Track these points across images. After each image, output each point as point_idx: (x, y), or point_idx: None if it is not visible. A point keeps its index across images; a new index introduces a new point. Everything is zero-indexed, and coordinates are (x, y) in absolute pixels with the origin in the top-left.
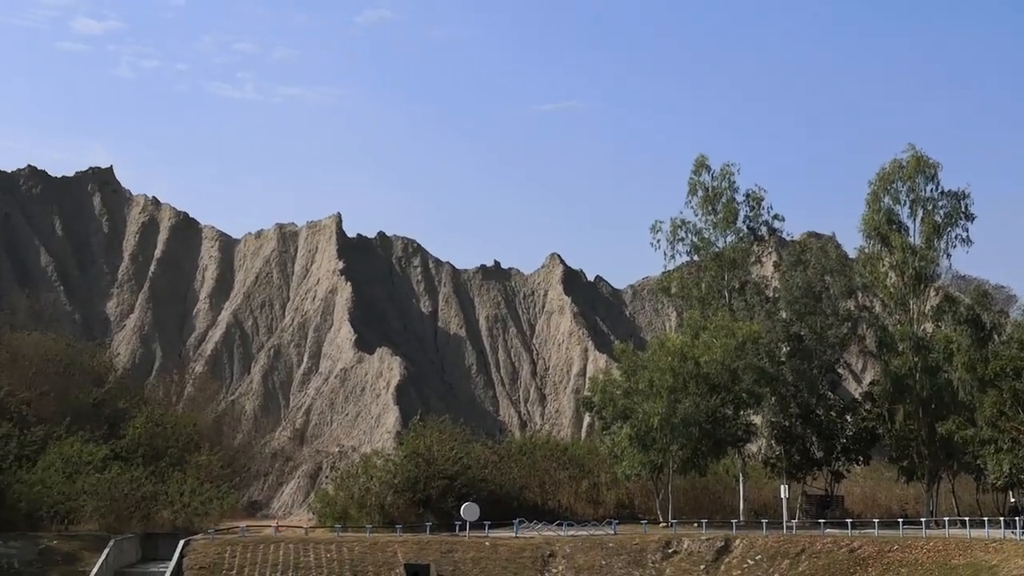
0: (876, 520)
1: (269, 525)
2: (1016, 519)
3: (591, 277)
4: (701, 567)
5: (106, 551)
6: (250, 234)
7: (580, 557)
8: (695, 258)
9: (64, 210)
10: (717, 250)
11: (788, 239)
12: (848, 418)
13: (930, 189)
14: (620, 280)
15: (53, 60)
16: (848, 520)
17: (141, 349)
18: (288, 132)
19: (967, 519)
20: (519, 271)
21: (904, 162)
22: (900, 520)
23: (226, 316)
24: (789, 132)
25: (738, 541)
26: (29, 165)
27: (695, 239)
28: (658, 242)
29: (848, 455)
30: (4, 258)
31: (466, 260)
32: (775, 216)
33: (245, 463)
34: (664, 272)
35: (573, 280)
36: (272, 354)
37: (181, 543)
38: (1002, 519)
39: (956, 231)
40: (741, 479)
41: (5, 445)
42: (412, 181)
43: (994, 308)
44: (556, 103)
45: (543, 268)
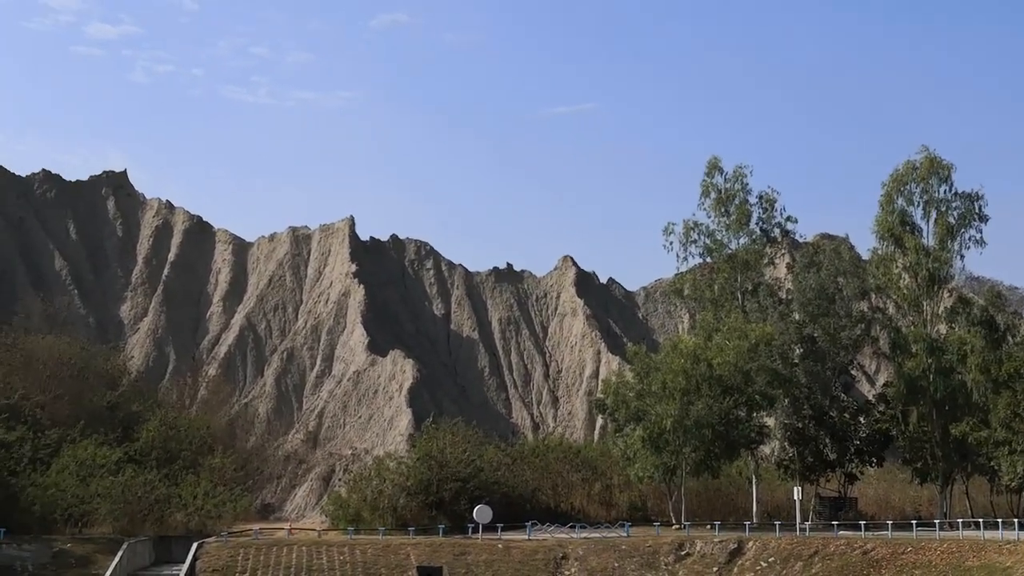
0: (890, 522)
1: (282, 528)
2: None
3: (604, 279)
4: (714, 569)
5: (120, 554)
6: (263, 237)
7: (593, 559)
8: (708, 260)
9: (78, 214)
10: (730, 252)
11: (801, 241)
12: (861, 420)
13: (944, 190)
14: (633, 282)
15: (68, 65)
16: (861, 522)
17: (155, 352)
18: (302, 136)
19: (981, 521)
20: (532, 273)
21: (918, 163)
22: (914, 522)
23: (239, 319)
24: (802, 134)
25: (751, 543)
26: (43, 169)
27: (708, 241)
28: (671, 244)
29: (861, 457)
30: (19, 262)
31: (479, 263)
32: (788, 218)
33: (258, 466)
34: (677, 274)
35: (586, 282)
36: (285, 357)
37: (194, 546)
38: (1016, 520)
39: (970, 232)
40: (754, 481)
41: (19, 448)
42: (425, 184)
43: (1008, 309)
44: (569, 106)
45: (556, 270)
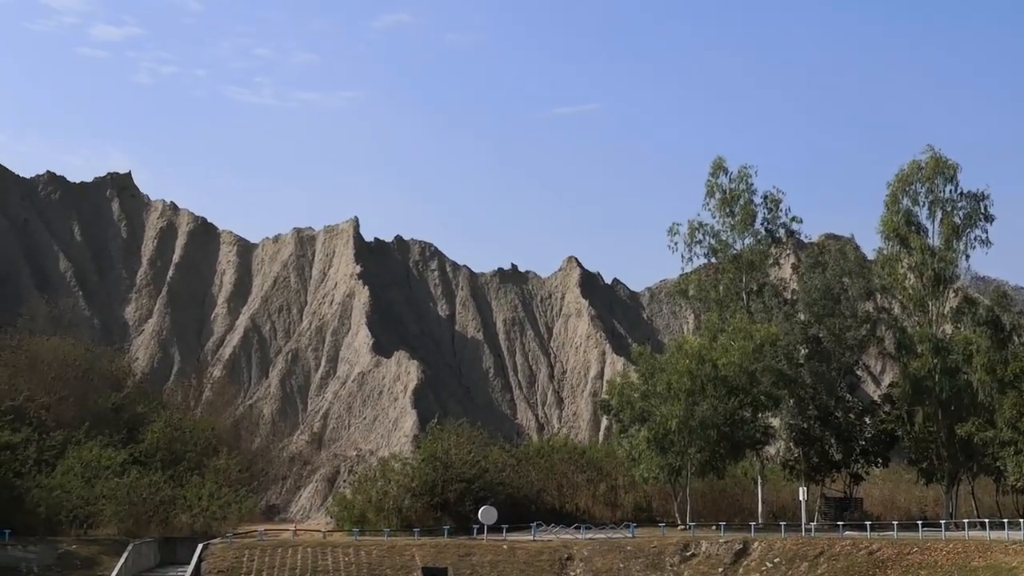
0: (895, 522)
1: (287, 529)
2: None
3: (608, 280)
4: (719, 570)
5: (125, 555)
6: (268, 238)
7: (598, 560)
8: (713, 260)
9: (83, 215)
10: (735, 252)
11: (806, 241)
12: (867, 420)
13: (949, 190)
14: (637, 283)
15: (71, 66)
16: (867, 522)
17: (159, 354)
18: (305, 136)
19: (987, 521)
20: (536, 274)
21: (923, 163)
22: (919, 522)
23: (244, 320)
24: (806, 133)
25: (756, 544)
26: (48, 171)
27: (713, 241)
28: (676, 244)
29: (867, 457)
30: (23, 263)
31: (483, 263)
32: (793, 218)
33: (263, 467)
34: (682, 275)
35: (590, 283)
36: (290, 358)
37: (199, 547)
38: (1022, 521)
39: (975, 232)
40: (759, 481)
41: (24, 450)
42: (429, 185)
43: (1014, 309)
44: (572, 107)
45: (560, 271)
